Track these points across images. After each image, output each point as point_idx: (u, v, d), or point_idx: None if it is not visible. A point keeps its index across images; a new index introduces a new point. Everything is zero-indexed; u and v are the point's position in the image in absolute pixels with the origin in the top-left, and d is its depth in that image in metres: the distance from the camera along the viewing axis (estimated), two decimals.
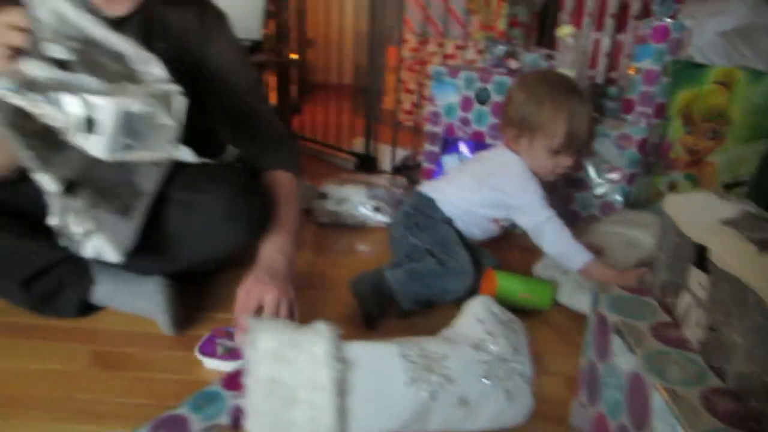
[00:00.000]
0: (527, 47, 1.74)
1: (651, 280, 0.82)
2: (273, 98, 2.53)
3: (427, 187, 1.33)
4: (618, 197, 1.72)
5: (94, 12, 0.80)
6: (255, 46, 2.04)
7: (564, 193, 1.76)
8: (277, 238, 1.07)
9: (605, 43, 2.18)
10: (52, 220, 0.90)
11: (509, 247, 1.63)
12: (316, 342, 0.77)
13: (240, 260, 1.35)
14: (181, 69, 0.93)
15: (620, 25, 2.17)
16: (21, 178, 1.02)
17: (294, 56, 2.59)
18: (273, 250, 1.05)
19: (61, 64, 0.73)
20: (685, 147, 1.76)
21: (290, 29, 2.51)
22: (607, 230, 1.52)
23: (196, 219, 1.02)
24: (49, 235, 1.02)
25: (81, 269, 1.05)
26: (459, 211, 1.28)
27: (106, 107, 0.70)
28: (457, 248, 1.23)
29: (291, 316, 0.97)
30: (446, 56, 2.09)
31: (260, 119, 1.20)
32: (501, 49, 1.70)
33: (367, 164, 2.15)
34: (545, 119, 1.18)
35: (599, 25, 2.12)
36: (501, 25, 2.38)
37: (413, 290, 1.18)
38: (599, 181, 1.74)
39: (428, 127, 1.80)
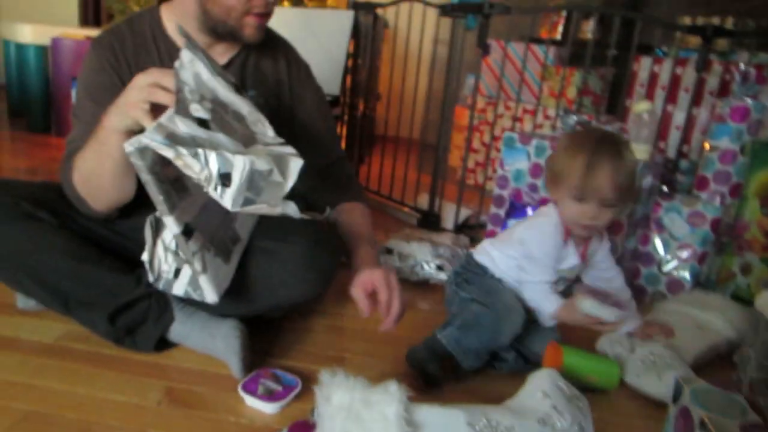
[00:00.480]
0: (598, 117, 1.76)
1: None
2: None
3: (479, 251, 1.33)
4: (687, 276, 1.68)
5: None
6: (334, 100, 2.14)
7: (630, 267, 1.73)
8: (369, 249, 1.14)
9: (678, 117, 2.17)
10: (144, 257, 0.97)
11: None
12: (387, 402, 0.78)
13: (304, 310, 1.42)
14: (273, 116, 1.00)
15: (696, 100, 2.16)
16: (118, 215, 1.11)
17: (363, 109, 2.69)
18: (367, 260, 1.11)
19: (201, 122, 0.81)
20: (762, 229, 1.71)
21: (367, 84, 2.62)
22: (675, 310, 1.48)
23: (276, 267, 1.07)
24: (135, 270, 1.10)
25: (162, 306, 1.11)
26: (507, 277, 1.28)
27: (239, 165, 0.77)
28: (501, 292, 1.23)
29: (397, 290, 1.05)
30: (514, 119, 2.13)
31: (337, 162, 1.30)
32: (573, 118, 1.72)
33: (430, 221, 2.18)
34: (563, 163, 1.17)
35: (673, 99, 2.12)
36: (571, 93, 2.40)
37: (468, 344, 1.18)
38: (668, 257, 1.70)
39: (496, 191, 1.82)
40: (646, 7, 2.98)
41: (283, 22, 2.21)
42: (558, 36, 2.82)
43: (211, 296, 0.94)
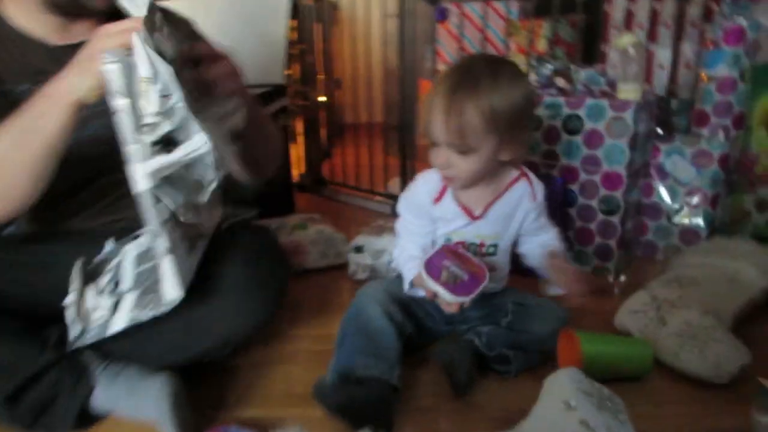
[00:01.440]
0: (574, 65, 1.55)
1: None
2: (302, 144, 2.39)
3: None
4: (701, 223, 1.48)
5: None
6: (278, 90, 1.91)
7: (636, 223, 1.53)
8: None
9: (662, 54, 1.97)
10: (69, 300, 0.78)
11: None
12: None
13: (257, 339, 1.15)
14: None
15: (677, 34, 1.97)
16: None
17: (322, 98, 2.46)
18: None
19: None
20: None
21: (318, 71, 2.39)
22: (698, 263, 1.28)
23: (208, 298, 0.85)
24: (37, 332, 0.87)
25: (78, 372, 0.87)
26: None
27: (195, 142, 0.73)
28: None
29: None
30: None
31: None
32: (548, 67, 1.51)
33: None
34: None
35: (653, 37, 1.92)
36: (541, 45, 2.19)
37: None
38: (676, 206, 1.50)
39: None
40: None
41: (209, 8, 1.98)
42: None
43: (173, 291, 0.76)
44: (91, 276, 0.81)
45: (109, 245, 0.84)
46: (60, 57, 0.92)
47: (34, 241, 0.94)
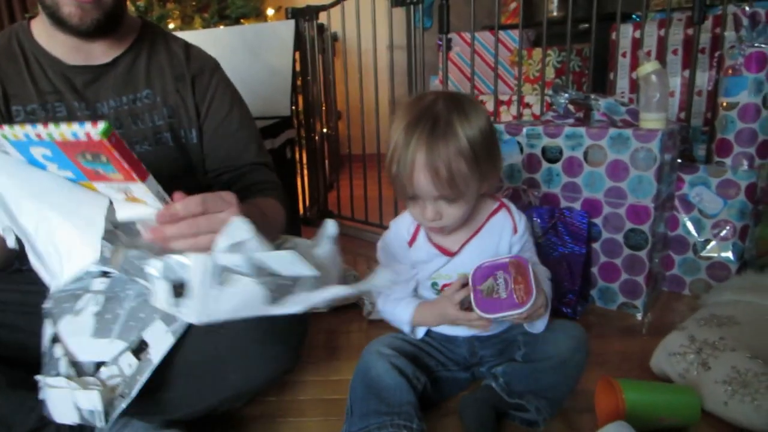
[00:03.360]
0: (588, 94, 1.51)
1: None
2: (306, 176, 2.34)
3: None
4: (731, 256, 1.41)
5: None
6: (286, 122, 1.86)
7: (662, 257, 1.46)
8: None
9: (672, 82, 1.94)
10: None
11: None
12: None
13: (271, 391, 1.10)
14: (172, 113, 0.99)
15: (685, 62, 1.94)
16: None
17: (325, 130, 2.42)
18: None
19: None
20: None
21: (323, 103, 2.36)
22: (734, 300, 1.20)
23: (222, 344, 0.77)
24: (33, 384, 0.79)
25: (77, 427, 0.79)
26: None
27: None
28: None
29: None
30: (491, 114, 1.89)
31: (252, 169, 1.07)
32: (565, 96, 1.46)
33: None
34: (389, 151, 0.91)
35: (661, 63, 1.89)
36: (549, 74, 2.16)
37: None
38: (702, 239, 1.44)
39: None
40: None
41: (219, 43, 1.95)
42: (518, 21, 2.61)
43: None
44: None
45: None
46: (73, 77, 0.94)
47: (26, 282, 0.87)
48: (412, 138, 0.84)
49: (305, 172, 2.34)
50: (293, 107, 2.07)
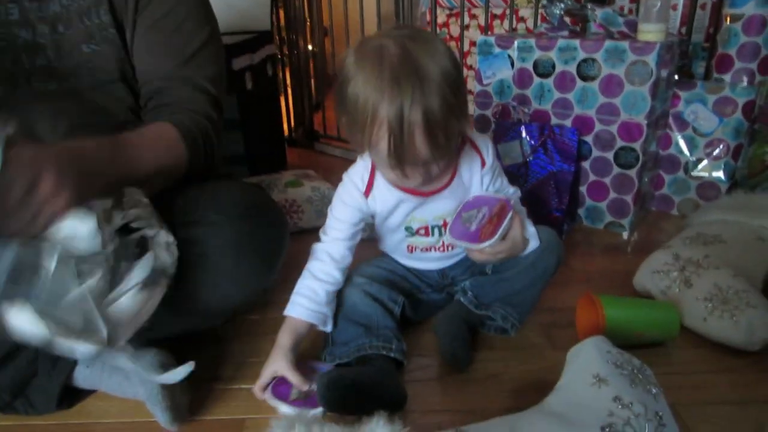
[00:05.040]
0: (585, 4, 1.43)
1: None
2: (290, 95, 2.26)
3: None
4: (722, 176, 1.39)
5: None
6: (264, 37, 1.76)
7: (652, 176, 1.44)
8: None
9: None
10: None
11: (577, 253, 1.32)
12: None
13: (249, 310, 1.08)
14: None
15: None
16: None
17: (310, 47, 2.31)
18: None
19: None
20: None
21: (306, 18, 2.23)
22: (720, 219, 1.19)
23: (196, 262, 0.75)
24: None
25: None
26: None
27: None
28: None
29: None
30: (482, 28, 1.79)
31: (175, 84, 0.88)
32: (560, 6, 1.38)
33: None
34: (356, 107, 0.76)
35: None
36: None
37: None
38: (694, 158, 1.41)
39: (476, 111, 1.50)
40: None
41: None
42: None
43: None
44: None
45: None
46: None
47: None
48: (403, 100, 0.69)
49: (289, 91, 2.26)
50: (273, 21, 1.96)
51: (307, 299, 0.85)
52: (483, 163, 0.91)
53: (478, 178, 0.92)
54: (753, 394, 0.83)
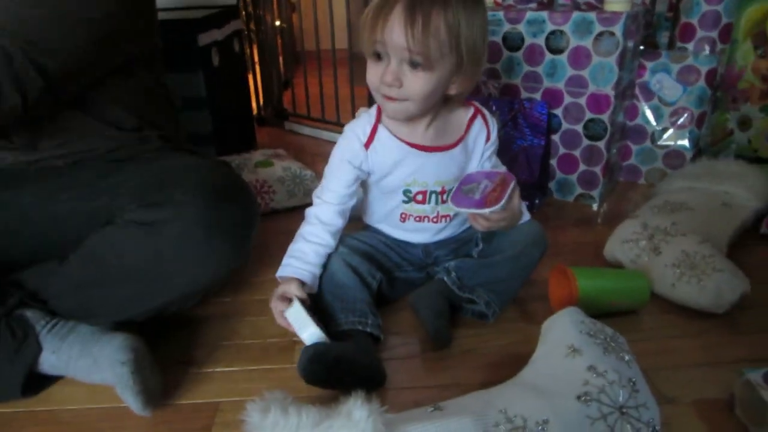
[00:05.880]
0: None
1: None
2: (258, 73, 2.21)
3: None
4: (687, 144, 1.42)
5: None
6: (230, 12, 1.72)
7: (620, 147, 1.46)
8: None
9: None
10: None
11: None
12: None
13: (221, 291, 1.06)
14: None
15: None
16: None
17: (278, 23, 2.26)
18: None
19: None
20: (758, 73, 1.45)
21: None
22: (688, 186, 1.22)
23: (161, 244, 0.74)
24: None
25: (21, 334, 0.77)
26: None
27: None
28: None
29: None
30: None
31: None
32: None
33: None
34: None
35: None
36: None
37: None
38: (660, 128, 1.43)
39: None
40: None
41: None
42: None
43: None
44: None
45: None
46: None
47: None
48: None
49: (257, 69, 2.21)
50: None
51: (296, 259, 0.89)
52: (488, 138, 0.95)
53: (480, 150, 0.95)
54: (722, 355, 0.86)
